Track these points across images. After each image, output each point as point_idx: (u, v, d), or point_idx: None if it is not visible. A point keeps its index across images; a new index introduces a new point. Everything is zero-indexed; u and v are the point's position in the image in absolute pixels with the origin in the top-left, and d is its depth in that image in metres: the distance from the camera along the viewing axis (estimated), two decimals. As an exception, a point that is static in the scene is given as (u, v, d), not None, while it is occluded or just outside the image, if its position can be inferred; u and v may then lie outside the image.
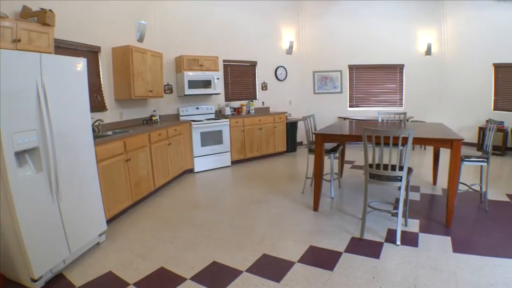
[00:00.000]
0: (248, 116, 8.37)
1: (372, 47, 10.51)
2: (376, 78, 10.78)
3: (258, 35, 9.41)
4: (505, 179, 6.99)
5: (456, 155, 4.27)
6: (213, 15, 8.37)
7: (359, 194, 5.69)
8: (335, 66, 10.64)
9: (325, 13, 10.47)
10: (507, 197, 5.67)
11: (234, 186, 6.63)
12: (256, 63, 9.41)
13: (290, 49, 10.11)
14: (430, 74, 10.46)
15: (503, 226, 4.48)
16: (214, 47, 8.36)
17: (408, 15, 10.35)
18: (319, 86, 10.73)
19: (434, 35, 10.34)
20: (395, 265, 3.48)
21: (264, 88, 9.62)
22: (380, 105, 10.72)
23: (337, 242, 4.01)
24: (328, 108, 10.65)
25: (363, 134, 4.01)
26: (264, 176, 7.14)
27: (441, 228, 4.40)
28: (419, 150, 10.01)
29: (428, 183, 6.47)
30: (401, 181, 3.95)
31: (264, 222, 4.68)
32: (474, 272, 3.32)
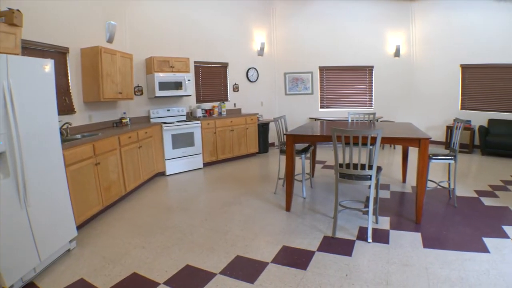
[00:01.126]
0: (219, 118, 8.35)
1: (343, 48, 10.70)
2: (346, 79, 10.96)
3: (230, 37, 9.40)
4: (473, 175, 7.26)
5: (424, 154, 4.40)
6: (184, 16, 8.32)
7: (331, 194, 5.77)
8: (306, 68, 10.75)
9: (297, 14, 10.57)
10: (475, 193, 5.90)
11: (206, 188, 6.60)
12: (228, 65, 9.41)
13: (262, 50, 10.14)
14: (399, 75, 10.76)
15: (472, 221, 4.67)
16: (185, 49, 8.32)
17: (378, 17, 10.59)
18: (290, 87, 10.81)
19: (403, 37, 10.61)
20: (367, 262, 3.56)
21: (235, 90, 9.61)
22: (350, 106, 10.91)
23: (310, 241, 4.06)
24: (300, 109, 10.76)
25: (333, 134, 4.07)
26: (236, 178, 7.14)
27: (411, 225, 4.54)
28: (389, 149, 10.22)
29: (398, 181, 6.63)
30: (371, 180, 4.04)
31: (237, 223, 4.69)
32: (444, 266, 3.44)
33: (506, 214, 4.95)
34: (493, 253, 3.73)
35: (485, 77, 9.77)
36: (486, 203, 5.38)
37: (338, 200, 4.23)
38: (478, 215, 4.91)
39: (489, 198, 5.65)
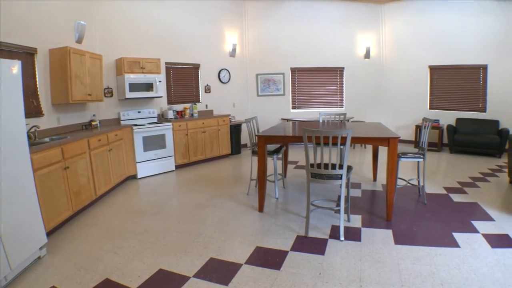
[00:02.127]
0: (191, 120, 8.28)
1: (314, 50, 10.84)
2: (317, 80, 11.09)
3: (201, 38, 9.33)
4: (442, 173, 7.47)
5: (393, 152, 4.51)
6: (155, 17, 8.21)
7: (303, 193, 5.81)
8: (278, 69, 10.81)
9: (269, 16, 10.62)
10: (444, 189, 6.09)
11: (179, 191, 6.54)
12: (199, 66, 9.33)
13: (234, 51, 10.12)
14: (369, 76, 11.02)
15: (441, 217, 4.82)
16: (156, 49, 8.20)
17: (349, 19, 10.81)
18: (262, 88, 10.83)
19: (373, 38, 10.87)
20: (340, 260, 3.61)
21: (207, 91, 9.55)
22: (322, 107, 11.05)
23: (283, 241, 4.08)
24: (272, 110, 10.80)
25: (304, 134, 4.10)
26: (209, 180, 7.10)
27: (383, 222, 4.64)
28: (360, 149, 10.37)
29: (369, 180, 6.75)
30: (342, 179, 4.09)
31: (210, 225, 4.67)
32: (416, 262, 3.53)
33: (475, 209, 5.12)
34: (463, 247, 3.85)
35: (452, 78, 10.16)
36: (455, 199, 5.56)
37: (310, 200, 4.29)
38: (448, 211, 5.06)
39: (458, 194, 5.84)
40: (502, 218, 4.75)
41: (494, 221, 4.65)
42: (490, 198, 5.64)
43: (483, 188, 6.20)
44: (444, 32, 9.99)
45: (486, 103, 9.68)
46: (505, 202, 5.49)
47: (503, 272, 3.32)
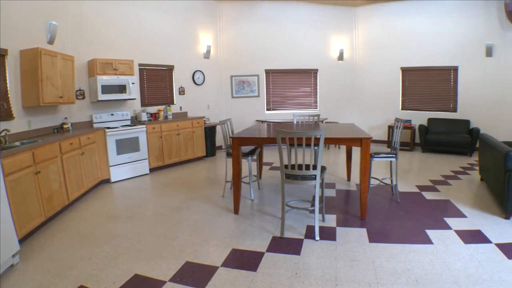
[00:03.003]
0: (165, 122, 8.19)
1: (288, 52, 10.91)
2: (292, 82, 11.18)
3: (175, 39, 9.24)
4: (415, 172, 7.63)
5: (366, 152, 4.59)
6: (129, 17, 8.08)
7: (279, 194, 5.79)
8: (253, 71, 10.83)
9: (243, 17, 10.63)
10: (417, 188, 6.24)
11: (153, 194, 6.45)
12: (173, 67, 9.24)
13: (208, 53, 10.06)
14: (342, 78, 11.20)
15: (414, 215, 4.92)
16: (130, 51, 8.06)
17: (323, 22, 10.97)
18: (237, 90, 10.82)
19: (346, 41, 11.06)
20: (316, 259, 3.64)
21: (181, 93, 9.47)
22: (296, 108, 11.12)
23: (259, 243, 4.08)
24: (246, 111, 10.81)
25: (277, 136, 4.12)
26: (184, 182, 7.03)
27: (357, 221, 4.71)
28: (334, 149, 10.47)
29: (343, 180, 6.83)
30: (316, 180, 4.12)
31: (185, 229, 4.61)
32: (390, 259, 3.59)
33: (447, 206, 5.26)
34: (436, 244, 3.95)
35: (424, 79, 10.47)
36: (428, 197, 5.69)
37: (285, 201, 4.31)
38: (421, 208, 5.18)
39: (431, 192, 5.98)
40: (474, 214, 4.89)
41: (466, 217, 4.78)
42: (462, 195, 5.79)
43: (455, 186, 6.36)
44: (416, 35, 10.30)
45: (457, 103, 9.99)
46: (477, 199, 5.66)
47: (477, 267, 3.40)
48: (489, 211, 5.04)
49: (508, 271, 3.34)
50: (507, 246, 3.88)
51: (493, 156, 5.33)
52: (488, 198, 5.62)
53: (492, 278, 3.20)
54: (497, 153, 5.03)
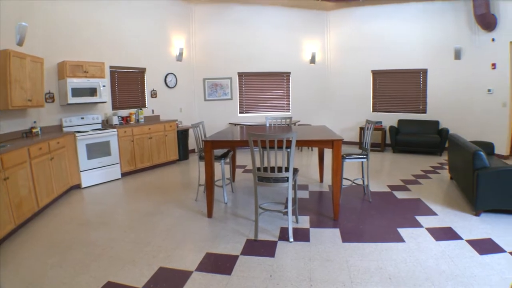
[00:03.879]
0: (137, 125, 8.05)
1: (261, 55, 10.96)
2: (264, 84, 11.21)
3: (147, 41, 9.10)
4: (386, 172, 7.77)
5: (337, 154, 4.65)
6: (100, 19, 7.87)
7: (252, 197, 5.80)
8: (225, 73, 10.81)
9: (216, 20, 10.60)
10: (388, 188, 6.37)
11: (125, 199, 6.33)
12: (145, 70, 9.09)
13: (180, 55, 9.98)
14: (314, 80, 11.32)
15: (386, 214, 5.03)
16: (101, 53, 7.86)
17: (295, 26, 11.07)
18: (209, 93, 10.77)
19: (318, 44, 11.21)
20: (290, 261, 3.64)
21: (153, 96, 9.34)
22: (269, 111, 11.16)
23: (233, 246, 4.06)
24: (219, 114, 10.77)
25: (249, 139, 4.11)
26: (156, 187, 6.94)
27: (330, 222, 4.75)
28: (307, 151, 10.53)
29: (316, 181, 6.89)
30: (288, 182, 4.14)
31: (158, 234, 4.54)
32: (363, 258, 3.64)
33: (418, 205, 5.38)
34: (408, 242, 4.03)
35: (394, 82, 10.74)
36: (399, 197, 5.81)
37: (258, 203, 4.30)
38: (392, 208, 5.29)
39: (402, 191, 6.10)
40: (444, 212, 5.03)
41: (437, 215, 4.91)
42: (432, 194, 5.94)
43: (425, 185, 6.51)
44: (386, 38, 10.57)
45: (426, 105, 10.31)
46: (447, 197, 5.81)
47: (448, 263, 3.49)
48: (459, 208, 5.18)
49: (480, 266, 3.44)
50: (477, 242, 4.00)
51: (462, 156, 5.48)
52: (458, 196, 5.78)
53: (464, 274, 3.29)
54: (466, 152, 5.17)
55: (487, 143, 6.78)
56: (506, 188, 4.67)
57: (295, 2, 10.83)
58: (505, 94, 8.76)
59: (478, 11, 8.68)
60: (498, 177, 4.67)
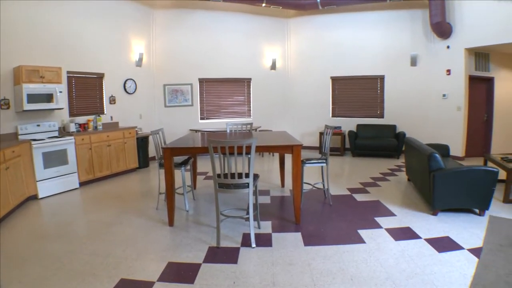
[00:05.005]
0: (95, 132, 7.82)
1: (222, 61, 11.00)
2: (225, 90, 11.24)
3: (106, 45, 8.87)
4: (346, 175, 7.95)
5: (297, 159, 4.72)
6: (57, 22, 7.58)
7: (214, 204, 5.76)
8: (186, 79, 10.76)
9: (177, 25, 10.57)
10: (348, 191, 6.53)
11: (84, 209, 6.12)
12: (104, 75, 8.85)
13: (140, 61, 9.82)
14: (275, 86, 11.48)
15: (347, 216, 5.14)
16: (58, 57, 7.56)
17: (256, 32, 11.21)
18: (170, 99, 10.67)
19: (279, 51, 11.39)
20: (253, 267, 3.64)
21: (112, 102, 9.12)
22: (230, 117, 11.18)
23: (195, 254, 4.01)
24: (180, 121, 10.69)
25: (209, 145, 4.09)
26: (116, 196, 6.77)
27: (292, 226, 4.79)
28: (269, 157, 10.58)
29: (277, 186, 6.94)
30: (249, 188, 4.16)
31: (119, 244, 4.42)
32: (325, 261, 3.69)
33: (377, 206, 5.54)
34: (368, 243, 4.14)
35: (352, 88, 11.10)
36: (359, 199, 5.97)
37: (219, 210, 4.28)
38: (352, 210, 5.42)
39: (361, 194, 6.27)
40: (403, 212, 5.20)
41: (395, 216, 5.07)
42: (391, 195, 6.13)
43: (383, 187, 6.70)
44: (345, 46, 10.93)
45: (384, 109, 10.70)
46: (405, 198, 6.01)
47: (408, 262, 3.61)
48: (417, 208, 5.38)
49: (439, 263, 3.58)
50: (436, 241, 4.17)
51: (418, 158, 5.68)
52: (416, 197, 5.99)
53: (424, 272, 3.41)
54: (422, 155, 5.36)
55: (442, 146, 7.06)
56: (461, 188, 4.91)
57: (257, 9, 10.93)
58: (460, 99, 9.22)
59: (434, 19, 9.10)
60: (453, 177, 4.88)
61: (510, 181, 5.61)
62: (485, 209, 5.00)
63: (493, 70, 9.74)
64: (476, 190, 4.89)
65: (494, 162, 6.30)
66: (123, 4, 9.34)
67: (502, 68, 9.83)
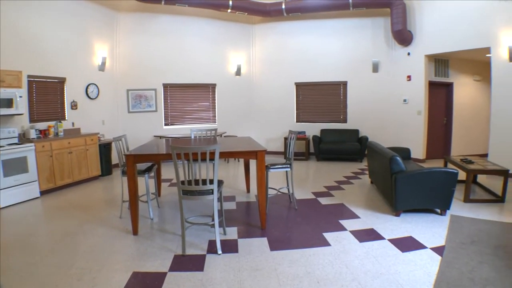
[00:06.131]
0: (56, 139, 7.58)
1: (187, 66, 10.95)
2: (190, 96, 11.20)
3: (68, 49, 8.59)
4: (310, 179, 8.09)
5: (261, 164, 4.76)
6: (17, 23, 7.29)
7: (179, 211, 5.72)
8: (150, 85, 10.63)
9: (141, 30, 10.44)
10: (313, 195, 6.63)
11: (45, 219, 5.91)
12: (65, 80, 8.56)
13: (103, 65, 9.59)
14: (240, 92, 11.56)
15: (312, 220, 5.20)
16: (17, 61, 7.24)
17: (221, 38, 11.26)
18: (133, 104, 10.50)
19: (244, 57, 11.49)
20: (220, 273, 3.61)
21: (74, 107, 8.84)
22: (195, 123, 11.15)
23: (161, 263, 3.94)
24: (144, 127, 10.55)
25: (172, 152, 4.06)
26: (78, 205, 6.57)
27: (258, 231, 4.80)
28: (234, 162, 10.59)
29: (243, 192, 6.96)
30: (213, 194, 4.15)
31: (82, 255, 4.28)
32: (292, 264, 3.71)
33: (341, 209, 5.66)
34: (333, 245, 4.21)
35: (316, 93, 11.33)
36: (323, 202, 6.07)
37: (184, 217, 4.24)
38: (317, 213, 5.51)
39: (326, 197, 6.39)
40: (367, 214, 5.33)
41: (359, 218, 5.19)
42: (355, 198, 6.28)
43: (347, 190, 6.84)
44: (309, 52, 11.17)
45: (347, 114, 10.97)
46: (368, 200, 6.16)
47: (373, 263, 3.70)
48: (380, 210, 5.53)
49: (403, 263, 3.69)
50: (399, 241, 4.31)
51: (380, 161, 5.82)
52: (379, 199, 6.16)
53: (388, 271, 3.50)
54: (384, 158, 5.50)
55: (404, 149, 7.28)
56: (423, 189, 5.09)
57: (223, 15, 10.95)
58: (420, 103, 9.59)
59: (395, 27, 9.44)
60: (414, 179, 5.05)
61: (469, 182, 5.86)
62: (446, 208, 5.20)
63: (452, 75, 10.18)
64: (437, 191, 5.09)
65: (454, 163, 6.56)
66: (86, 7, 9.11)
67: (460, 74, 10.30)
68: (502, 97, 7.71)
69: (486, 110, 9.81)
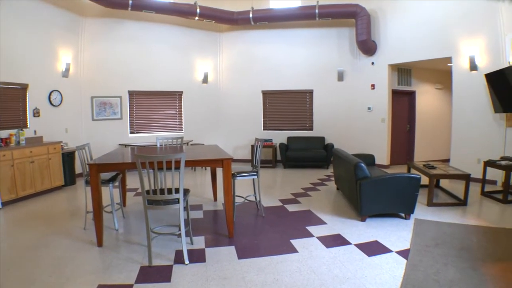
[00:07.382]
0: (17, 148, 7.31)
1: (153, 73, 10.86)
2: (156, 104, 11.09)
3: (30, 54, 8.31)
4: (277, 187, 8.15)
5: (227, 172, 4.77)
6: None
7: (144, 221, 5.65)
8: (115, 92, 10.46)
9: (107, 36, 10.27)
10: (280, 202, 6.68)
11: (5, 232, 5.63)
12: (27, 86, 8.27)
13: (67, 71, 9.34)
14: (207, 100, 11.56)
15: (279, 227, 5.24)
16: None
17: (188, 45, 11.25)
18: (97, 112, 10.28)
19: (211, 64, 11.53)
20: (187, 284, 3.57)
21: (36, 115, 8.56)
22: (161, 131, 11.04)
23: (127, 275, 3.85)
24: (109, 135, 10.35)
25: (137, 161, 3.99)
26: (41, 216, 6.34)
27: (225, 240, 4.79)
28: (201, 171, 10.53)
29: (210, 200, 6.94)
30: (179, 203, 4.11)
31: (44, 269, 4.12)
32: (260, 272, 3.72)
33: (308, 216, 5.74)
34: (301, 252, 4.25)
35: (283, 101, 11.49)
36: (290, 209, 6.13)
37: (150, 227, 4.16)
38: (285, 221, 5.55)
39: (293, 204, 6.47)
40: (333, 220, 5.42)
41: (326, 224, 5.27)
42: (321, 205, 6.38)
43: (314, 197, 6.94)
44: (275, 61, 11.35)
45: (313, 122, 11.18)
46: (335, 206, 6.27)
47: (340, 268, 3.76)
48: (346, 216, 5.63)
49: (369, 267, 3.77)
50: (365, 245, 4.40)
51: (345, 168, 5.94)
52: (345, 205, 6.27)
53: (355, 276, 3.56)
54: (349, 164, 5.62)
55: (368, 155, 7.45)
56: (387, 194, 5.23)
57: (190, 22, 10.94)
58: (384, 111, 9.87)
59: (360, 37, 9.70)
60: (378, 185, 5.18)
61: (432, 186, 6.05)
62: (410, 213, 5.36)
63: (414, 84, 10.56)
64: (401, 196, 5.24)
65: (417, 169, 6.76)
66: (49, 11, 8.87)
67: (422, 82, 10.70)
68: (463, 105, 8.02)
69: (447, 117, 10.18)
